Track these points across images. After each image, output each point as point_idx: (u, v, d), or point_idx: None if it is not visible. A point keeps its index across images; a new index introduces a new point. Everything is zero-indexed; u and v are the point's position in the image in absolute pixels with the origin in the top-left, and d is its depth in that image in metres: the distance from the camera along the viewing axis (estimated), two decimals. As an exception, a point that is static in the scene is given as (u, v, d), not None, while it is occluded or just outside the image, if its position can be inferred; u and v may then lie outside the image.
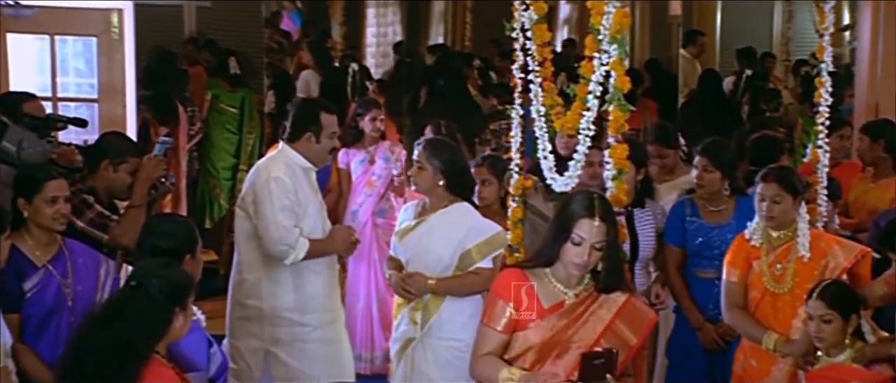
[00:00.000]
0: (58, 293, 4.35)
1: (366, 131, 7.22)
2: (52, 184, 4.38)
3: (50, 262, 4.37)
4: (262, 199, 5.13)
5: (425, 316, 5.00)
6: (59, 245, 4.43)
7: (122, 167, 4.98)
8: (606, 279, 3.81)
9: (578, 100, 4.34)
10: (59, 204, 4.37)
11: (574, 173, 4.47)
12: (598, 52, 4.26)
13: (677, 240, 5.45)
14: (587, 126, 4.33)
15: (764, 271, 4.70)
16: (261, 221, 5.14)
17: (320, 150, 5.26)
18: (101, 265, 4.48)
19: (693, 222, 5.42)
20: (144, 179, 4.96)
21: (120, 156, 4.99)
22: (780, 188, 4.63)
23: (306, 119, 5.25)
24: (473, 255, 4.94)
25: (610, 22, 4.20)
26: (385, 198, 7.26)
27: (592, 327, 3.79)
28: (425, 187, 5.07)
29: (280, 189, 5.11)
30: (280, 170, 5.16)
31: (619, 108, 4.21)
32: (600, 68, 4.24)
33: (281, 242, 5.11)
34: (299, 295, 5.25)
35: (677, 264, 5.47)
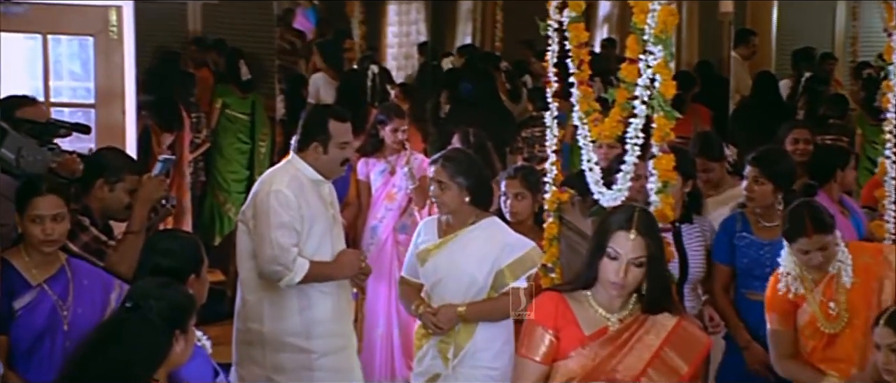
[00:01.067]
0: (51, 314, 4.36)
1: (386, 141, 7.22)
2: (39, 202, 4.36)
3: (47, 282, 4.39)
4: (260, 214, 5.13)
5: (457, 348, 4.99)
6: (60, 265, 4.44)
7: (118, 186, 4.98)
8: (651, 297, 3.75)
9: (617, 106, 4.33)
10: (46, 224, 4.35)
11: (623, 186, 4.45)
12: (641, 53, 4.25)
13: (725, 257, 5.42)
14: (635, 135, 4.31)
15: (816, 315, 4.65)
16: (256, 238, 5.14)
17: (329, 162, 5.25)
18: (113, 289, 4.47)
19: (743, 238, 5.39)
20: (144, 201, 4.96)
21: (116, 174, 4.99)
22: (822, 235, 4.57)
23: (314, 127, 5.25)
24: (507, 275, 4.93)
25: (654, 20, 4.18)
26: (407, 212, 7.26)
27: (639, 355, 3.71)
28: (452, 207, 5.07)
29: (280, 204, 5.10)
30: (283, 182, 5.15)
31: (664, 116, 4.19)
32: (646, 71, 4.22)
33: (275, 262, 5.10)
34: (305, 318, 5.24)
35: (724, 283, 5.46)
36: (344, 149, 5.26)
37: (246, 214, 5.25)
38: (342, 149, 5.25)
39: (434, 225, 5.19)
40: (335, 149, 5.23)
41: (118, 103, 7.51)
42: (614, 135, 4.38)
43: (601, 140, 4.61)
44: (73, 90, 7.74)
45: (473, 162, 5.17)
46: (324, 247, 5.24)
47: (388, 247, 7.18)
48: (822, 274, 4.65)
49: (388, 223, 7.25)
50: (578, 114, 4.74)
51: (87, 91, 7.61)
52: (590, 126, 4.60)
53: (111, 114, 7.51)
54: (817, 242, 4.57)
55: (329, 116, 5.27)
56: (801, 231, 4.58)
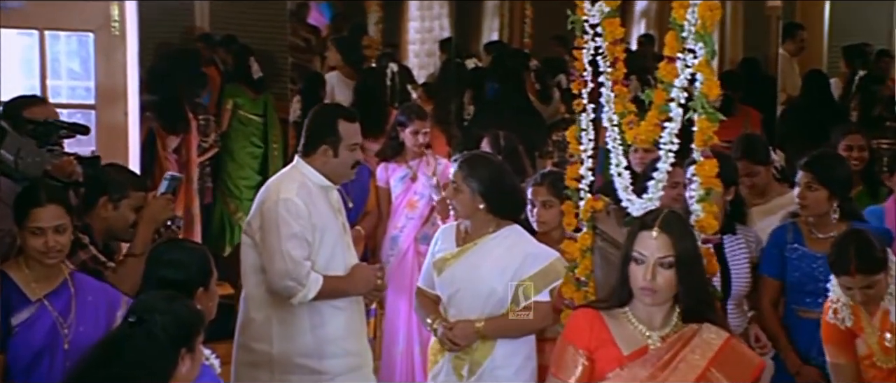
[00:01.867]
0: (51, 332, 4.38)
1: (407, 144, 7.23)
2: (39, 213, 4.37)
3: (47, 297, 4.41)
4: (268, 225, 5.11)
5: (473, 365, 4.99)
6: (63, 278, 4.46)
7: (123, 203, 5.01)
8: (687, 305, 3.73)
9: (654, 108, 4.32)
10: (47, 236, 4.36)
11: (655, 194, 4.44)
12: (681, 51, 4.24)
13: (774, 270, 5.40)
14: (670, 139, 4.30)
15: (873, 348, 4.63)
16: (266, 251, 5.12)
17: (339, 165, 5.23)
18: (120, 307, 4.47)
19: (795, 250, 5.36)
20: (148, 222, 4.97)
21: (120, 191, 5.02)
22: (869, 275, 4.54)
23: (321, 128, 5.23)
24: (529, 288, 4.93)
25: (695, 16, 4.17)
26: (429, 221, 7.27)
27: (683, 376, 3.66)
28: (465, 212, 5.08)
29: (290, 213, 5.08)
30: (292, 190, 5.13)
31: (706, 118, 4.18)
32: (684, 71, 4.22)
33: (287, 277, 5.08)
34: (317, 336, 5.22)
35: (773, 299, 5.43)
36: (354, 151, 5.25)
37: (252, 226, 5.23)
38: (353, 151, 5.24)
39: (452, 232, 5.20)
40: (346, 151, 5.22)
41: (120, 104, 7.54)
42: (651, 138, 4.35)
43: (637, 144, 4.60)
44: (72, 90, 7.77)
45: (494, 167, 5.18)
46: (336, 258, 5.23)
47: (408, 258, 7.20)
48: (876, 304, 4.63)
49: (409, 233, 7.26)
50: (609, 115, 4.73)
51: (86, 91, 7.64)
52: (625, 129, 4.58)
53: (113, 115, 7.54)
54: (862, 282, 4.55)
55: (338, 116, 5.25)
56: (845, 268, 4.57)
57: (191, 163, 8.89)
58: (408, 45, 13.31)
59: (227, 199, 9.42)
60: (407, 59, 12.75)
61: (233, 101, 9.40)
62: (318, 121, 5.29)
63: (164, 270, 4.12)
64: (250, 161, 9.46)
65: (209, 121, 9.27)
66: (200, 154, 9.20)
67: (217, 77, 9.73)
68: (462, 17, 13.37)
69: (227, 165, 9.36)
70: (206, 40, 10.07)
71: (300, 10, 12.64)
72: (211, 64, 9.85)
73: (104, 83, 7.51)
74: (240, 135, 9.40)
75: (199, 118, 9.14)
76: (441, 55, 12.76)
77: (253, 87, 9.45)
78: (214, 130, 9.28)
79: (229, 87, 9.53)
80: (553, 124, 9.44)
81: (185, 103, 8.95)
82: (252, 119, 9.44)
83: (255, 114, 9.47)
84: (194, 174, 8.98)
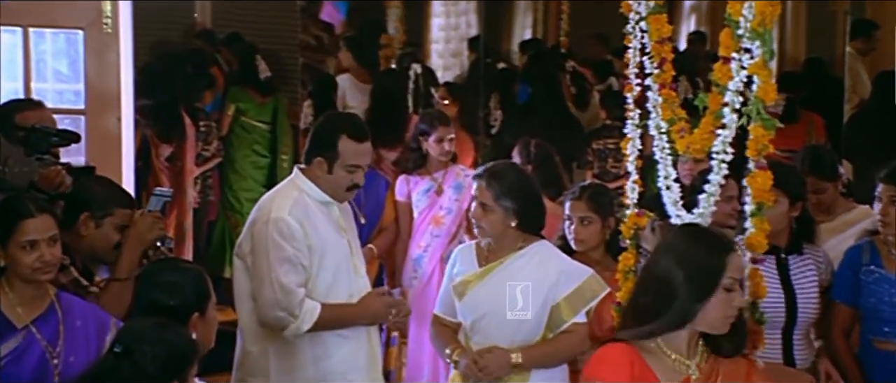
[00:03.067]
0: (40, 363, 4.35)
1: (431, 154, 7.22)
2: (31, 225, 4.34)
3: (34, 323, 4.37)
4: (258, 248, 5.09)
5: None
6: (50, 300, 4.43)
7: (106, 221, 4.96)
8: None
9: (709, 113, 4.29)
10: (41, 249, 4.34)
11: (707, 209, 4.41)
12: (736, 51, 4.21)
13: (848, 296, 5.34)
14: (723, 148, 4.27)
15: None
16: (256, 277, 5.10)
17: (332, 183, 5.20)
18: (109, 330, 4.44)
19: (871, 273, 5.31)
20: (135, 243, 4.93)
21: (104, 208, 4.96)
22: None
23: (321, 140, 5.21)
24: (564, 310, 4.91)
25: (752, 11, 4.15)
26: (456, 239, 7.26)
27: None
28: (495, 232, 5.05)
29: (281, 235, 5.05)
30: (284, 208, 5.10)
31: (761, 125, 4.15)
32: (740, 72, 4.19)
33: (277, 307, 5.05)
34: (320, 370, 5.18)
35: (845, 327, 5.37)
36: (353, 174, 5.19)
37: (242, 248, 5.20)
38: (350, 173, 5.18)
39: (472, 251, 5.17)
40: (341, 171, 5.17)
41: (112, 109, 7.54)
42: (706, 147, 4.33)
43: (690, 154, 4.56)
44: (59, 93, 7.78)
45: (524, 179, 5.16)
46: (339, 283, 5.19)
47: (434, 281, 7.19)
48: None
49: (435, 253, 7.25)
50: (656, 122, 4.70)
51: (75, 95, 7.65)
52: (675, 137, 4.55)
53: (104, 121, 7.54)
54: None
55: (342, 132, 5.18)
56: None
57: (185, 173, 8.90)
58: (431, 45, 13.31)
59: (228, 214, 9.44)
60: (430, 59, 12.75)
61: (235, 106, 9.41)
62: (320, 131, 5.28)
63: (156, 293, 4.10)
64: (253, 171, 9.47)
65: (211, 128, 9.30)
66: (201, 163, 9.22)
67: (220, 79, 9.75)
68: (491, 13, 13.35)
69: (228, 177, 9.39)
70: (208, 38, 10.10)
71: (312, 6, 12.66)
72: (214, 64, 9.87)
73: (95, 86, 7.51)
74: (242, 143, 9.43)
75: (199, 124, 9.15)
76: (469, 55, 12.76)
77: (259, 90, 9.46)
78: (216, 138, 9.28)
79: (233, 90, 9.56)
80: (592, 132, 9.38)
81: (182, 108, 8.95)
82: (256, 125, 9.46)
83: (260, 121, 9.47)
84: (188, 185, 8.97)
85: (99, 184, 5.19)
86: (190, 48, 9.76)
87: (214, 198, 9.49)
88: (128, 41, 7.57)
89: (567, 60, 11.73)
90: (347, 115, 5.93)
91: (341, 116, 6.03)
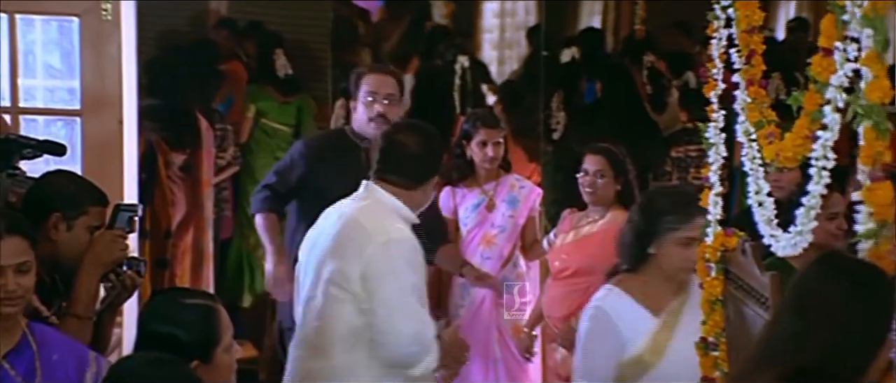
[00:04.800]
0: (14, 403, 4.36)
1: (475, 160, 7.18)
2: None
3: (8, 358, 4.36)
4: (380, 274, 5.20)
5: None
6: (21, 332, 4.41)
7: (79, 222, 4.94)
8: None
9: (804, 115, 4.22)
10: (7, 276, 4.29)
11: (806, 227, 4.33)
12: (840, 40, 4.14)
13: None
14: (823, 154, 4.19)
15: None
16: (382, 308, 5.19)
17: (420, 203, 5.47)
18: (88, 365, 4.45)
19: None
20: (91, 266, 4.88)
21: (78, 206, 4.95)
22: None
23: (436, 160, 5.52)
24: None
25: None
26: (511, 261, 7.27)
27: None
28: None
29: (407, 260, 5.24)
30: (403, 229, 5.29)
31: (873, 128, 4.07)
32: (845, 66, 4.11)
33: (413, 341, 5.18)
34: None
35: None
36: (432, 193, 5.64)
37: (346, 275, 5.26)
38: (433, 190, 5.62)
39: (627, 300, 5.13)
40: (430, 188, 5.51)
41: (112, 110, 7.57)
42: (798, 155, 4.25)
43: (779, 163, 4.49)
44: (50, 91, 7.83)
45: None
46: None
47: (485, 309, 7.24)
48: None
49: (485, 277, 7.21)
50: (744, 126, 4.64)
51: (69, 93, 7.69)
52: (762, 144, 4.49)
53: (103, 124, 7.57)
54: None
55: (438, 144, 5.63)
56: None
57: (202, 185, 8.90)
58: (483, 34, 13.26)
59: (246, 233, 9.41)
60: (482, 51, 12.71)
61: (255, 107, 9.39)
62: (434, 148, 5.56)
63: (160, 324, 4.11)
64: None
65: (227, 133, 9.31)
66: (216, 173, 9.20)
67: (243, 75, 9.74)
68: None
69: (247, 188, 9.36)
70: (227, 27, 10.08)
71: (345, -10, 12.68)
72: (233, 58, 9.87)
73: (92, 83, 7.54)
74: (263, 150, 9.43)
75: (216, 128, 9.14)
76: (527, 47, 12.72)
77: (281, 89, 9.44)
78: (233, 144, 9.27)
79: (252, 88, 9.56)
80: (671, 136, 9.33)
81: (197, 109, 8.93)
82: (278, 129, 9.45)
83: (282, 123, 9.46)
84: (205, 199, 8.96)
85: (67, 179, 5.13)
86: (204, 39, 9.74)
87: (230, 214, 9.46)
88: (131, 31, 7.60)
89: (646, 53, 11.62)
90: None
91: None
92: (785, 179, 5.60)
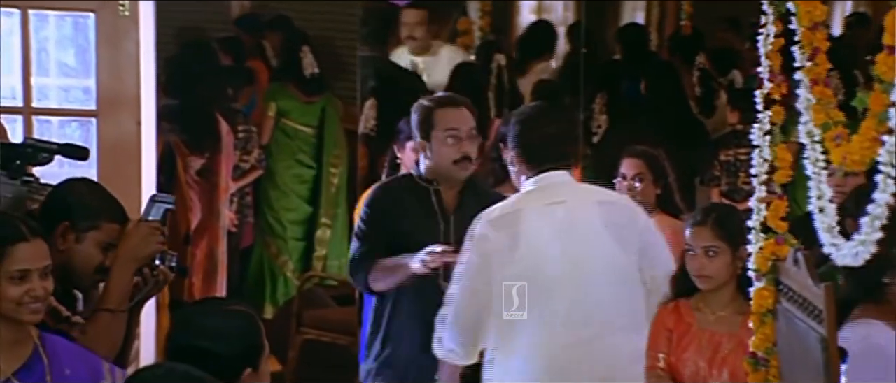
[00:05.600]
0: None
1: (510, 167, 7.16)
2: (22, 252, 4.31)
3: (18, 374, 4.36)
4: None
5: None
6: (33, 345, 4.41)
7: (89, 235, 4.92)
8: None
9: (871, 117, 4.18)
10: (32, 281, 4.31)
11: (870, 236, 4.29)
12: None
13: None
14: (890, 160, 4.16)
15: None
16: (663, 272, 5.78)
17: None
18: (103, 378, 4.45)
19: None
20: (127, 261, 4.87)
21: (89, 218, 4.94)
22: None
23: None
24: None
25: (929, -16, 4.05)
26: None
27: None
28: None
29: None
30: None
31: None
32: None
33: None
34: None
35: None
36: None
37: (645, 259, 5.84)
38: None
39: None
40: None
41: (130, 110, 7.56)
42: (866, 159, 4.22)
43: (848, 167, 4.45)
44: (64, 91, 7.83)
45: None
46: None
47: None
48: None
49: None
50: (807, 127, 4.61)
51: (84, 92, 7.69)
52: (829, 146, 4.45)
53: (120, 125, 7.56)
54: None
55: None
56: None
57: (220, 190, 8.88)
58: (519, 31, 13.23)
59: (268, 240, 9.41)
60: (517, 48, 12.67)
61: (276, 106, 9.37)
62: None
63: (195, 338, 4.09)
64: (297, 186, 9.47)
65: (251, 134, 9.30)
66: (238, 178, 9.20)
67: (265, 74, 9.73)
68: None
69: (267, 192, 9.35)
70: (248, 23, 10.07)
71: (374, -17, 12.64)
72: (256, 56, 9.86)
73: (109, 82, 7.54)
74: (284, 152, 9.43)
75: (238, 130, 9.13)
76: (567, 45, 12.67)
77: (304, 88, 9.42)
78: (257, 146, 9.25)
79: (273, 85, 9.55)
80: (719, 139, 9.27)
81: (217, 110, 8.92)
82: (300, 130, 9.44)
83: (305, 125, 9.45)
84: (222, 205, 8.94)
85: (84, 188, 5.11)
86: (227, 36, 9.73)
87: (251, 220, 9.44)
88: (149, 27, 7.59)
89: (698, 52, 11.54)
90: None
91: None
92: (849, 184, 5.58)
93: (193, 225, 8.73)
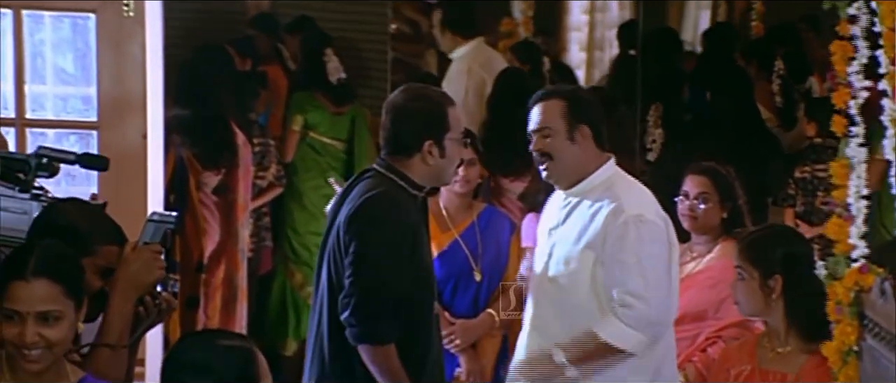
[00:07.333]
0: None
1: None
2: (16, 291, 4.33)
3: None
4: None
5: None
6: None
7: (86, 262, 4.92)
8: None
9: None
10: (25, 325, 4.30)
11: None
12: None
13: None
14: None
15: None
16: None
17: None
18: None
19: None
20: (127, 289, 4.86)
21: (86, 244, 4.90)
22: None
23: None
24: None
25: None
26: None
27: None
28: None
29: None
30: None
31: None
32: None
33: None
34: None
35: None
36: None
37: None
38: None
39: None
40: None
41: (135, 121, 7.60)
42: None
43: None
44: (62, 99, 7.86)
45: None
46: None
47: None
48: None
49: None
50: (893, 142, 4.61)
51: (84, 101, 7.72)
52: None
53: (124, 138, 7.61)
54: None
55: None
56: None
57: (237, 210, 8.89)
58: (570, 33, 13.23)
59: (291, 268, 9.41)
60: (567, 53, 12.68)
61: (303, 118, 9.38)
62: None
63: (186, 376, 4.11)
64: (324, 205, 9.42)
65: (268, 148, 9.30)
66: (254, 197, 9.20)
67: (284, 81, 9.74)
68: (652, -7, 13.25)
69: (292, 214, 9.36)
70: (266, 24, 10.09)
71: (405, -17, 12.65)
72: (274, 61, 9.88)
73: (111, 90, 7.59)
74: (312, 169, 9.42)
75: (254, 143, 9.15)
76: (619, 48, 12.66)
77: (333, 97, 9.43)
78: (275, 161, 9.26)
79: (298, 96, 9.53)
80: (796, 155, 9.25)
81: (233, 120, 8.93)
82: (329, 144, 9.44)
83: (334, 138, 9.45)
84: (241, 227, 8.95)
85: (80, 210, 5.10)
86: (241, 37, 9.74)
87: (270, 245, 9.44)
88: (156, 29, 7.62)
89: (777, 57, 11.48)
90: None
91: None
92: None
93: (208, 250, 8.74)
